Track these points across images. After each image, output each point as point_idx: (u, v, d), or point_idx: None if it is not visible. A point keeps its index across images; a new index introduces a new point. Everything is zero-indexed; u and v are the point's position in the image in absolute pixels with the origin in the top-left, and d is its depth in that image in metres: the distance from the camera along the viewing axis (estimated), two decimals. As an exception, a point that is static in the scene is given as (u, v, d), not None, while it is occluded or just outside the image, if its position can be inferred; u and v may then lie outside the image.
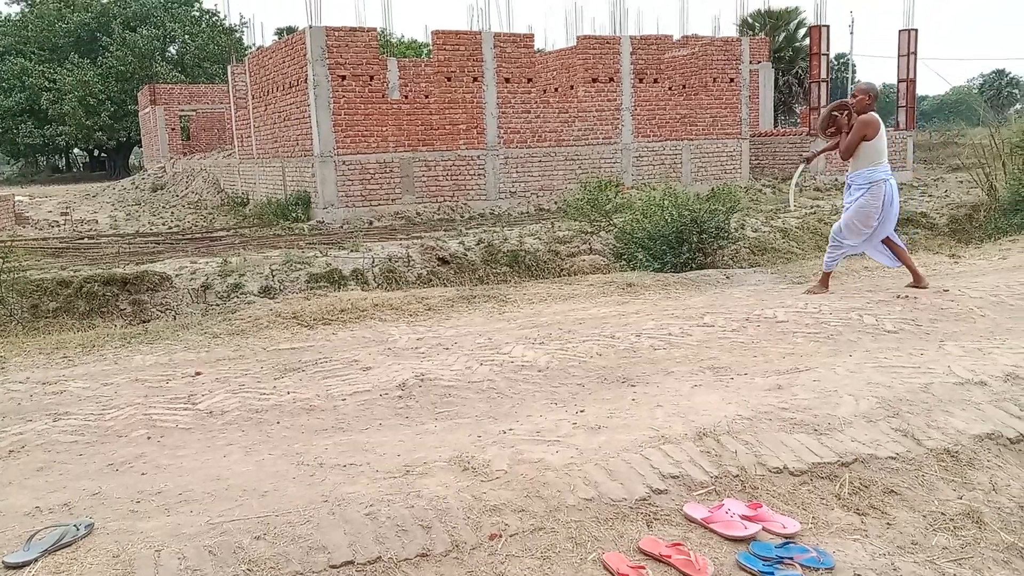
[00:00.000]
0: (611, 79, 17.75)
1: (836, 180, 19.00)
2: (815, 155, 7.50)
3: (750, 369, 4.75)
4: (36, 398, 4.71)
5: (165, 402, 4.45)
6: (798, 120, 29.17)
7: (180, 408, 4.35)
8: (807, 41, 27.75)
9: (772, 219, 14.10)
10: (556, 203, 16.75)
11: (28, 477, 3.59)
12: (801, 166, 7.85)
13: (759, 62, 22.75)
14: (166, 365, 5.30)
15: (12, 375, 5.29)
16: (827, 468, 3.39)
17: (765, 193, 18.18)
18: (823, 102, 19.23)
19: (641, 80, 18.05)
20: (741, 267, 10.16)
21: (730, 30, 31.58)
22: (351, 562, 2.75)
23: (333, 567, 2.73)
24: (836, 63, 61.17)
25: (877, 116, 6.59)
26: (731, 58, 18.91)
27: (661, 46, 18.54)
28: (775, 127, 25.23)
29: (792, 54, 32.35)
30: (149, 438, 3.96)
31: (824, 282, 6.89)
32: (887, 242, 6.83)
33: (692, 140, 18.76)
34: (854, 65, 56.09)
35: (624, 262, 10.20)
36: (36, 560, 2.77)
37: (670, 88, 18.45)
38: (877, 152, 6.58)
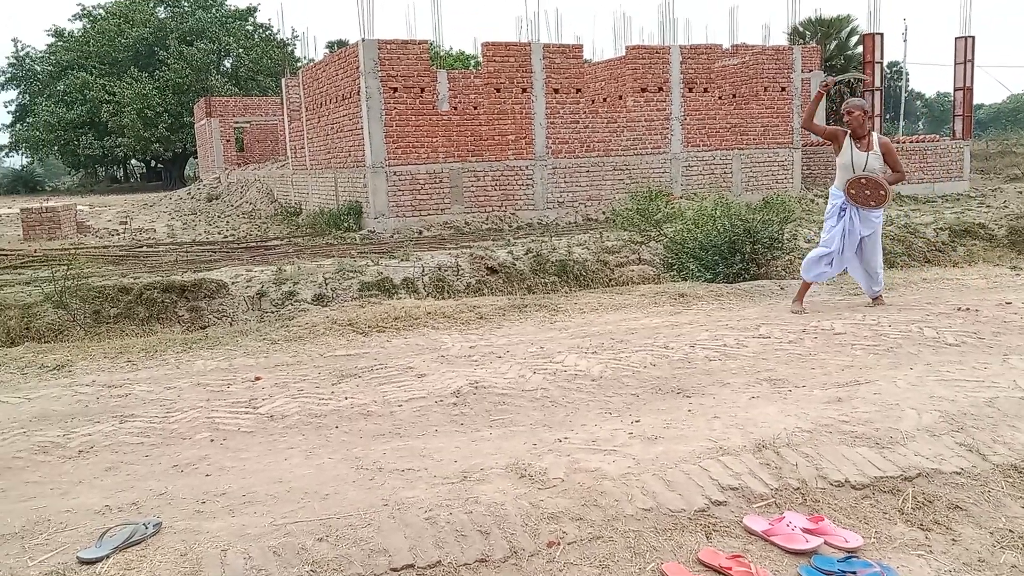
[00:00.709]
0: (660, 88, 17.68)
1: (898, 192, 18.61)
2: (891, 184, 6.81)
3: (808, 381, 4.69)
4: (102, 400, 4.85)
5: (227, 406, 4.56)
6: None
7: (242, 412, 4.45)
8: (859, 49, 27.31)
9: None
10: (604, 213, 16.71)
11: (98, 477, 3.70)
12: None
13: (810, 71, 22.44)
14: (226, 370, 5.42)
15: (79, 378, 5.46)
16: (890, 482, 3.34)
17: (817, 203, 17.88)
18: (877, 111, 18.86)
19: (691, 89, 17.94)
20: (795, 278, 10.02)
21: (780, 39, 31.31)
22: (411, 566, 2.79)
23: (394, 570, 2.76)
24: (889, 71, 60.09)
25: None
26: (782, 67, 18.69)
27: (711, 55, 18.42)
28: (827, 137, 24.83)
29: (844, 62, 31.80)
30: (212, 440, 4.06)
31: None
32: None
33: (743, 150, 18.58)
34: (907, 73, 55.00)
35: (675, 272, 10.13)
36: (108, 556, 2.86)
37: (720, 97, 18.30)
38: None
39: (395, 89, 15.36)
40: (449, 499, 3.19)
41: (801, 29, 31.26)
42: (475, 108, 16.10)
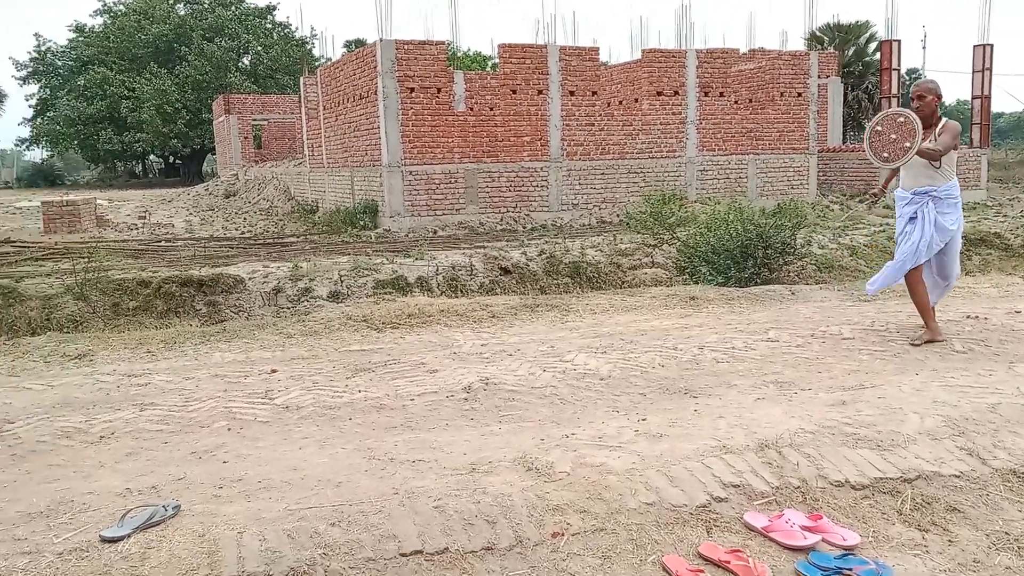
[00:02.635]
0: (676, 92, 17.73)
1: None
2: (885, 185, 6.36)
3: (814, 385, 4.76)
4: (123, 389, 4.98)
5: (244, 396, 4.68)
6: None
7: (258, 402, 4.57)
8: (877, 56, 27.23)
9: (840, 236, 13.89)
10: (618, 216, 16.77)
11: (119, 461, 3.82)
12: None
13: (828, 76, 22.41)
14: (244, 362, 5.54)
15: (100, 367, 5.59)
16: (889, 483, 3.41)
17: (833, 209, 17.89)
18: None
19: (707, 94, 17.98)
20: (807, 283, 10.06)
21: (798, 44, 31.22)
22: (420, 551, 2.89)
23: (403, 555, 2.86)
24: (908, 78, 59.78)
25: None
26: (799, 72, 18.70)
27: (727, 60, 18.45)
28: (844, 143, 24.81)
29: (862, 69, 31.76)
30: (229, 429, 4.18)
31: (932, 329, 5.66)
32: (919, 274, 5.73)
33: (758, 154, 18.60)
34: (928, 81, 54.59)
35: (687, 276, 10.20)
36: (129, 536, 2.97)
37: (736, 102, 18.33)
38: (954, 165, 5.64)
39: (412, 89, 15.50)
40: (457, 489, 3.29)
41: (819, 35, 31.20)
42: (491, 109, 16.21)
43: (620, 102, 18.28)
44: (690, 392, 4.72)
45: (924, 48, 69.32)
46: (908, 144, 5.28)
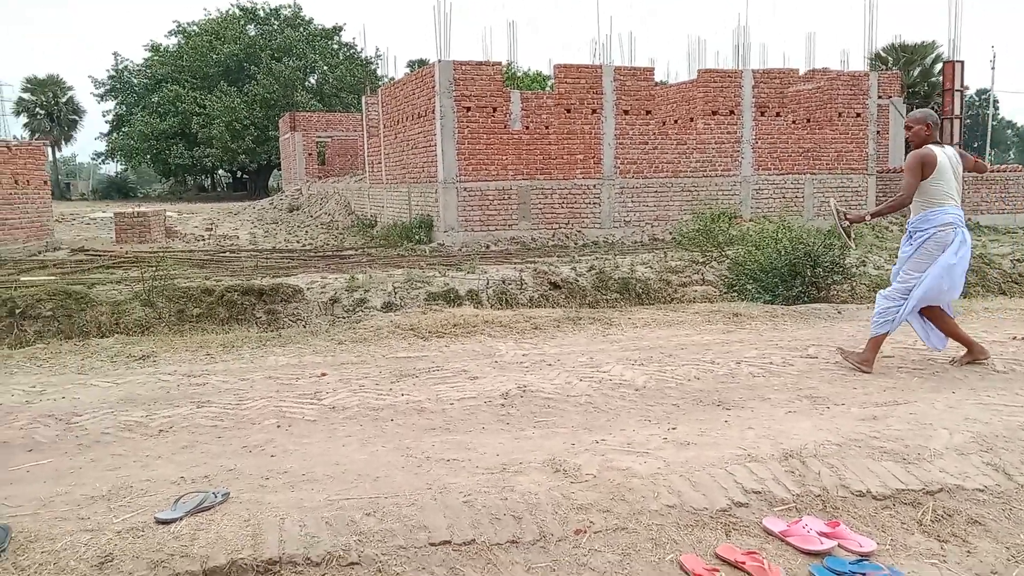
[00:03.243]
0: (731, 112, 17.73)
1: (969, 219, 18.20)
2: (861, 218, 5.93)
3: (848, 400, 4.80)
4: (182, 388, 5.29)
5: (294, 397, 4.94)
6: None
7: (307, 403, 4.82)
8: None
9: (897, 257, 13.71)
10: (671, 233, 16.81)
11: (175, 453, 4.09)
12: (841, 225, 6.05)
13: (889, 97, 22.11)
14: (296, 366, 5.82)
15: (162, 367, 5.93)
16: (911, 495, 3.46)
17: (892, 231, 17.62)
18: (955, 139, 18.49)
19: (763, 113, 17.93)
20: (858, 304, 9.98)
21: (859, 64, 30.78)
22: (448, 542, 3.06)
23: (432, 544, 3.04)
24: (977, 99, 58.25)
25: (932, 148, 5.36)
26: (858, 92, 18.51)
27: (784, 80, 18.38)
28: (906, 164, 24.35)
29: (928, 89, 31.15)
30: (279, 427, 4.42)
31: (866, 359, 5.49)
32: (935, 315, 5.57)
33: (815, 174, 18.44)
34: (996, 100, 53.30)
35: (735, 293, 10.21)
36: (181, 519, 3.21)
37: (793, 122, 18.23)
38: (940, 192, 5.36)
39: (468, 108, 15.83)
40: (487, 487, 3.45)
41: (883, 55, 30.76)
42: (546, 128, 16.45)
43: (675, 121, 18.35)
44: (723, 404, 4.80)
45: (993, 68, 67.37)
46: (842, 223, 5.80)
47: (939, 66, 30.64)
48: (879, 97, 19.63)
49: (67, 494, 3.53)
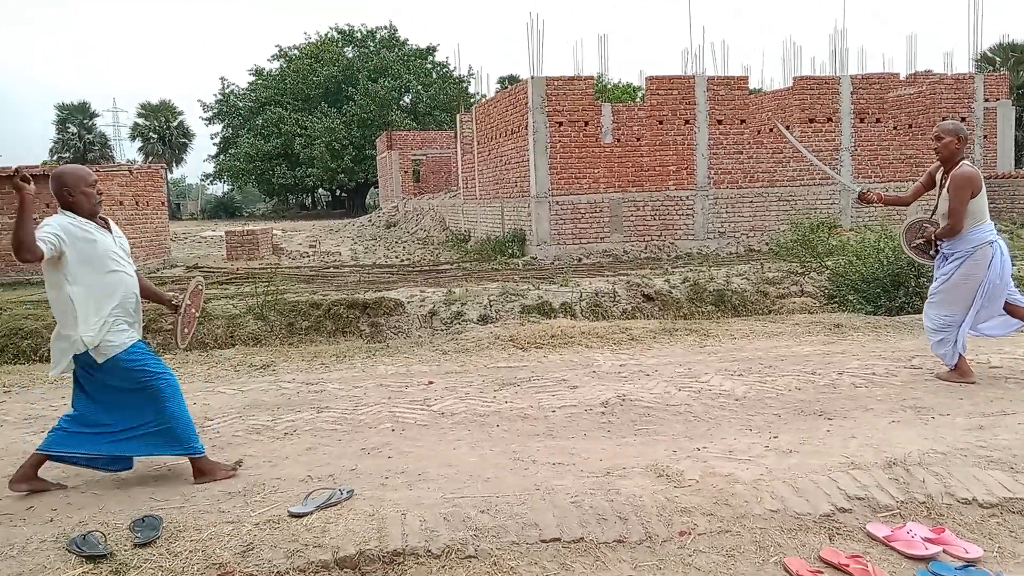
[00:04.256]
0: (829, 119, 17.39)
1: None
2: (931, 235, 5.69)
3: (953, 410, 4.75)
4: (302, 395, 5.66)
5: (405, 403, 5.22)
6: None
7: (417, 408, 5.10)
8: (1059, 75, 25.43)
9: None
10: (768, 244, 16.58)
11: (300, 454, 4.41)
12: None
13: (997, 100, 21.21)
14: (404, 375, 6.13)
15: (281, 376, 6.33)
16: (1020, 504, 3.45)
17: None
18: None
19: (862, 120, 17.51)
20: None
21: (965, 66, 29.61)
22: (558, 539, 3.24)
23: (543, 541, 3.23)
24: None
25: (972, 167, 5.41)
26: (962, 96, 17.86)
27: (884, 85, 17.90)
28: (1018, 168, 23.30)
29: (1040, 89, 29.68)
30: (393, 430, 4.71)
31: (962, 371, 5.40)
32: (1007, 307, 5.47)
33: (918, 181, 17.86)
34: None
35: (835, 305, 10.06)
36: (312, 513, 3.50)
37: (895, 128, 17.73)
38: (979, 210, 5.36)
39: (560, 123, 16.06)
40: (593, 489, 3.62)
41: (990, 55, 29.47)
42: (637, 140, 16.52)
43: (770, 130, 18.10)
44: (824, 414, 4.83)
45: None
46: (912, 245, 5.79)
47: (1053, 65, 29.17)
48: (985, 100, 18.88)
49: (206, 490, 3.87)
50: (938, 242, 5.57)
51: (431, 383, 5.77)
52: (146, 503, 3.67)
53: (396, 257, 19.24)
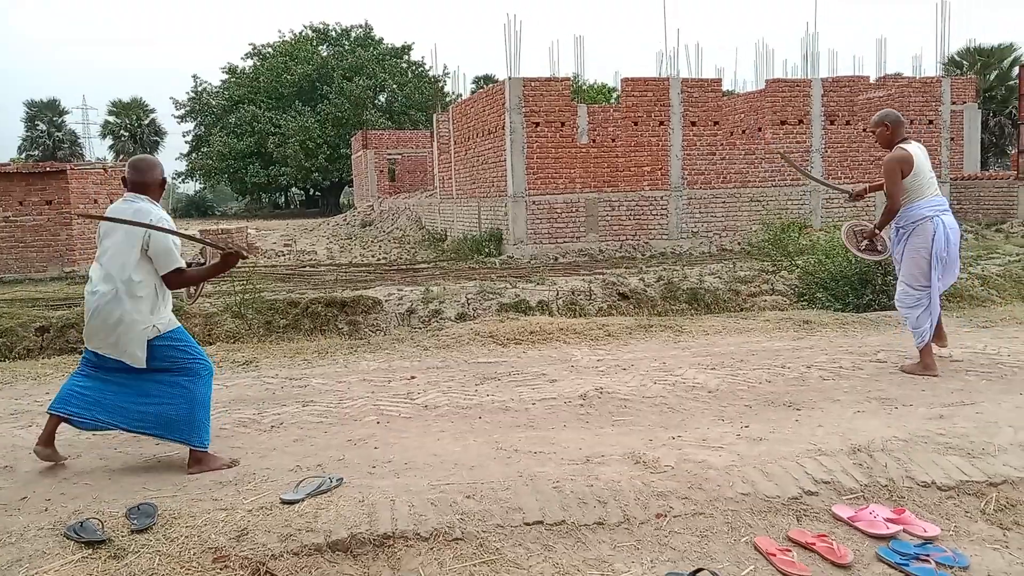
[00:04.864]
0: (800, 121, 17.73)
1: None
2: (873, 233, 6.25)
3: (916, 401, 4.98)
4: (286, 389, 5.76)
5: (389, 397, 5.36)
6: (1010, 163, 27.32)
7: (401, 402, 5.23)
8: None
9: (971, 266, 13.54)
10: (740, 244, 16.88)
11: (288, 446, 4.53)
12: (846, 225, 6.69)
13: (964, 103, 21.72)
14: (387, 370, 6.25)
15: (264, 372, 6.43)
16: (975, 486, 3.66)
17: (966, 239, 17.34)
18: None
19: (832, 122, 17.88)
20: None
21: (933, 69, 30.24)
22: (541, 522, 3.40)
23: (527, 524, 3.38)
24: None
25: (905, 148, 5.66)
26: (930, 99, 18.30)
27: (854, 88, 18.29)
28: (984, 170, 23.86)
29: (1005, 93, 30.39)
30: (378, 423, 4.84)
31: (926, 364, 5.62)
32: None
33: (886, 183, 18.26)
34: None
35: (805, 302, 10.31)
36: (303, 500, 3.62)
37: (864, 130, 18.11)
38: (916, 186, 5.63)
39: (537, 124, 16.23)
40: (573, 475, 3.78)
41: (958, 59, 30.13)
42: (613, 140, 16.74)
43: (743, 131, 18.41)
44: (793, 405, 5.03)
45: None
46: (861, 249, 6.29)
47: (1016, 70, 29.90)
48: (952, 103, 19.35)
49: (197, 479, 3.98)
50: (880, 233, 6.01)
51: (413, 378, 5.91)
52: (139, 492, 3.78)
53: (372, 256, 19.30)
